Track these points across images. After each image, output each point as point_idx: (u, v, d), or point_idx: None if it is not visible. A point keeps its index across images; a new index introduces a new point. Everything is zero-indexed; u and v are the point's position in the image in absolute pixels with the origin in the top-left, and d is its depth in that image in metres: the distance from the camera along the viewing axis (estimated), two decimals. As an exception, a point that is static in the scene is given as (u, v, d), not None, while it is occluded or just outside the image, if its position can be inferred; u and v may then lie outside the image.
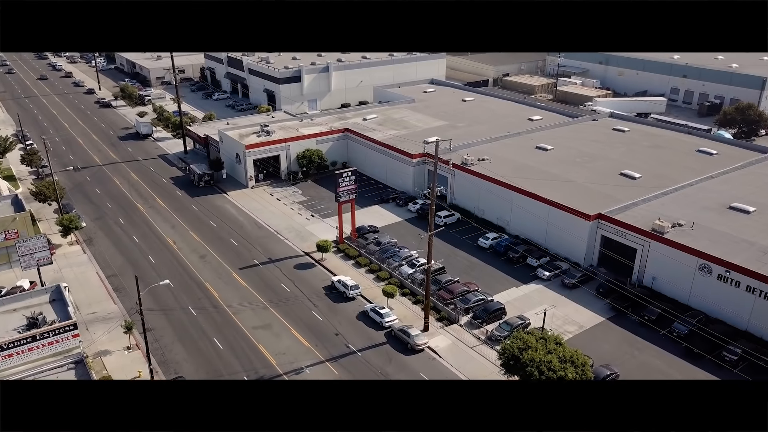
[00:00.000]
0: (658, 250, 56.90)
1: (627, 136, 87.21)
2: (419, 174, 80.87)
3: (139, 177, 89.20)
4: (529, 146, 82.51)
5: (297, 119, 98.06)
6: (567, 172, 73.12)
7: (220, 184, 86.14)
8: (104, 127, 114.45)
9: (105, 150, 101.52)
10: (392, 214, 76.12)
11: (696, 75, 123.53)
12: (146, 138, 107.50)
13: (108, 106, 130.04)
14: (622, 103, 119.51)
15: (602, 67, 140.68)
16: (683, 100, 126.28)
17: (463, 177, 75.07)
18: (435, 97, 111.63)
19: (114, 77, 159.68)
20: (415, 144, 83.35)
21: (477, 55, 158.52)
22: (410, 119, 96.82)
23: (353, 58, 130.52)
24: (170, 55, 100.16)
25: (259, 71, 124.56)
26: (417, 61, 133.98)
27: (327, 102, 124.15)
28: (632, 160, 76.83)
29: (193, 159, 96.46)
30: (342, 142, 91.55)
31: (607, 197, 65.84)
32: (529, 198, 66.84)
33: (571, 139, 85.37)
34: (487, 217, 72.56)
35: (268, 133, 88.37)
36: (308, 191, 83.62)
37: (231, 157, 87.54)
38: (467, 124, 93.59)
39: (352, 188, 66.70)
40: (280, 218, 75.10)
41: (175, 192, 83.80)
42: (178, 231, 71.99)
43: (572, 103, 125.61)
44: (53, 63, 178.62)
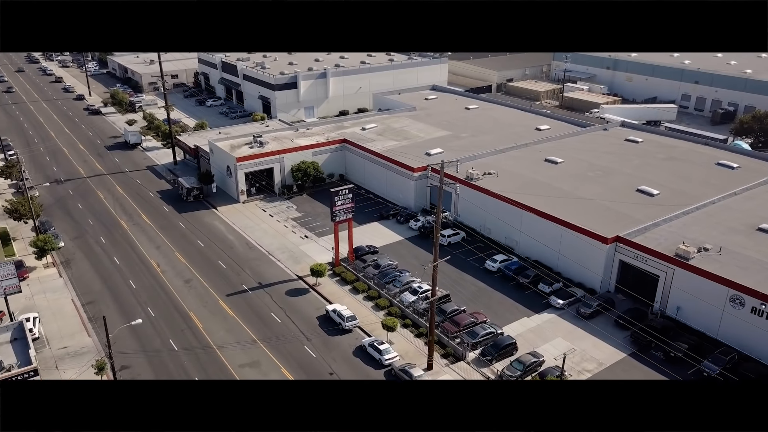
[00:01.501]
0: (683, 277, 52.05)
1: (640, 147, 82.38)
2: (421, 188, 76.05)
3: (124, 190, 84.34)
4: (537, 159, 77.69)
5: (292, 129, 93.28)
6: (579, 188, 68.29)
7: (210, 198, 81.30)
8: (92, 136, 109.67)
9: (91, 161, 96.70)
10: (392, 232, 71.27)
11: (708, 81, 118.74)
12: (135, 148, 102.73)
13: (97, 113, 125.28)
14: (630, 111, 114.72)
15: (610, 72, 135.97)
16: (695, 107, 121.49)
17: (468, 192, 70.25)
18: (437, 104, 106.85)
19: (106, 82, 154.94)
20: (417, 157, 78.67)
21: (480, 60, 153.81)
22: (411, 129, 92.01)
23: (352, 64, 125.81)
24: (158, 59, 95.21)
25: (253, 77, 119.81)
26: (418, 67, 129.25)
27: (324, 109, 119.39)
28: (648, 174, 71.99)
29: (183, 171, 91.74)
30: (339, 153, 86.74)
31: (624, 217, 61.03)
32: (539, 218, 62.03)
33: (581, 151, 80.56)
34: (494, 237, 67.74)
35: (261, 144, 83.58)
36: (303, 206, 78.78)
37: (222, 169, 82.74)
38: (471, 134, 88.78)
39: (349, 206, 61.88)
40: (272, 237, 70.25)
41: (162, 207, 78.94)
42: (162, 252, 67.13)
43: (579, 110, 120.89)
44: (44, 67, 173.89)
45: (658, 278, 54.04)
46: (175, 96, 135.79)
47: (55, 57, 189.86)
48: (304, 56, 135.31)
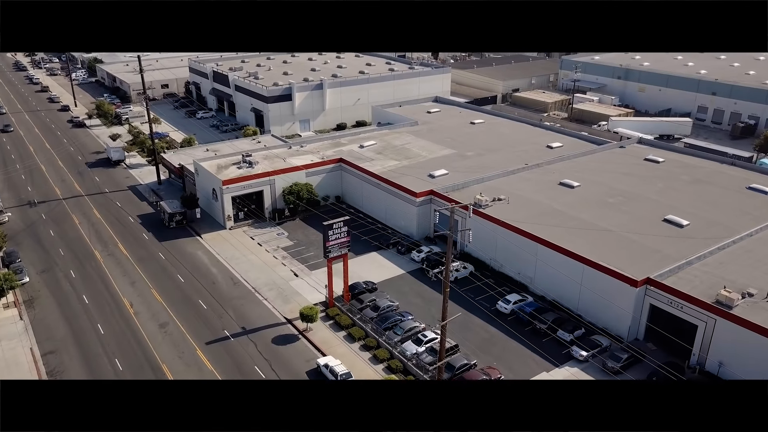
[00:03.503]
0: (726, 329, 45.39)
1: (662, 168, 75.77)
2: (424, 215, 69.45)
3: (102, 215, 77.69)
4: (551, 182, 71.08)
5: (285, 146, 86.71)
6: (600, 217, 61.66)
7: (194, 223, 74.65)
8: (73, 152, 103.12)
9: (69, 180, 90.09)
10: (392, 265, 64.62)
11: (727, 92, 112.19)
12: (117, 165, 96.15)
13: (81, 125, 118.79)
14: (642, 124, 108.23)
15: (621, 82, 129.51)
16: (712, 120, 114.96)
17: (476, 221, 63.59)
18: (440, 118, 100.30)
19: (94, 92, 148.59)
20: (419, 179, 72.25)
21: (484, 69, 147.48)
22: (413, 146, 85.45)
23: (350, 74, 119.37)
24: (140, 66, 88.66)
25: (246, 88, 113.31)
26: (419, 77, 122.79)
27: (321, 122, 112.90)
28: (674, 200, 65.38)
29: (168, 191, 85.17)
30: (335, 174, 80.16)
31: (652, 252, 54.41)
32: (557, 253, 55.39)
33: (598, 173, 73.96)
34: (505, 271, 61.11)
35: (250, 164, 76.99)
36: (295, 233, 72.16)
37: (208, 192, 76.14)
38: (477, 153, 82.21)
39: (344, 241, 55.24)
40: (260, 270, 63.60)
41: (141, 234, 72.31)
42: (138, 289, 60.45)
43: (589, 122, 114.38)
44: (30, 75, 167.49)
45: (696, 328, 47.38)
46: (164, 107, 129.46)
47: (44, 65, 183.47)
48: (300, 66, 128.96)
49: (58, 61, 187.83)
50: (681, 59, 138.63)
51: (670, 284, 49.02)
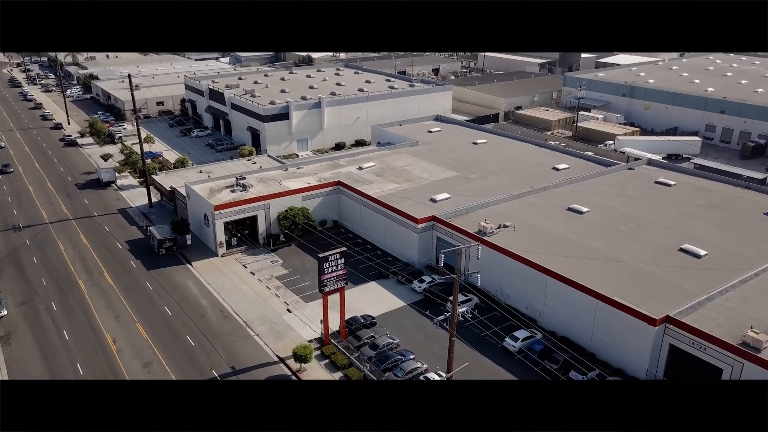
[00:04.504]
0: (754, 374, 41.84)
1: (674, 191, 72.53)
2: (426, 241, 66.09)
3: (89, 240, 74.32)
4: (558, 207, 67.80)
5: (282, 167, 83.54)
6: (612, 246, 58.27)
7: (185, 250, 71.25)
8: (63, 172, 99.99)
9: (57, 202, 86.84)
10: (392, 296, 61.13)
11: (736, 111, 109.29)
12: (108, 186, 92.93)
13: (73, 144, 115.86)
14: (649, 143, 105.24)
15: (626, 99, 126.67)
16: (721, 139, 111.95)
17: (481, 250, 60.08)
18: (441, 138, 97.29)
19: (88, 109, 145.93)
20: (421, 203, 69.01)
21: (486, 86, 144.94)
22: (414, 168, 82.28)
23: (348, 92, 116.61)
24: (130, 84, 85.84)
25: (242, 106, 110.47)
26: (420, 95, 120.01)
27: (319, 141, 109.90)
28: (690, 228, 62.04)
29: (159, 215, 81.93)
30: (333, 197, 76.94)
31: (670, 286, 50.97)
32: (568, 286, 51.94)
33: (607, 197, 70.70)
34: (513, 304, 57.60)
35: (244, 187, 73.79)
36: (290, 260, 68.76)
37: (199, 216, 72.85)
38: (481, 176, 79.01)
39: (341, 274, 51.77)
40: (252, 302, 60.11)
41: (128, 262, 68.89)
42: (122, 322, 56.93)
43: (594, 141, 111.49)
44: (25, 92, 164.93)
45: (721, 372, 43.83)
46: (159, 125, 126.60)
47: (39, 81, 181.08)
48: (298, 83, 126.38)
49: (54, 78, 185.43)
50: (687, 76, 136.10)
51: (692, 323, 45.55)
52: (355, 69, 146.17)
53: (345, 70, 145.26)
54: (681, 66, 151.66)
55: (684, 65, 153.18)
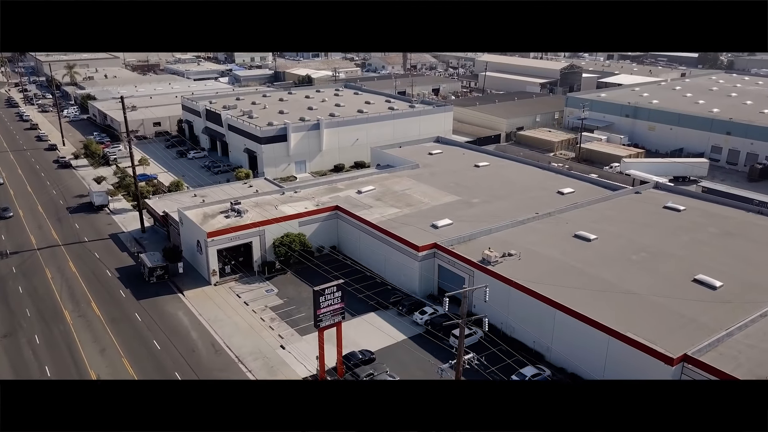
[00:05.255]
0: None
1: (684, 218, 70.03)
2: (427, 270, 63.46)
3: (78, 267, 71.67)
4: (565, 234, 65.27)
5: (278, 191, 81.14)
6: (622, 276, 55.60)
7: (177, 278, 68.56)
8: (55, 196, 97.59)
9: (47, 227, 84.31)
10: (393, 328, 58.33)
11: (742, 132, 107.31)
12: (100, 210, 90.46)
13: (67, 166, 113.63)
14: (656, 166, 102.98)
15: (629, 120, 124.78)
16: (727, 161, 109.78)
17: (485, 280, 57.53)
18: (442, 160, 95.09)
19: (84, 129, 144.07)
20: (422, 229, 66.54)
21: (487, 106, 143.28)
22: (414, 192, 79.88)
23: (348, 113, 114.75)
24: (122, 105, 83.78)
25: (238, 128, 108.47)
26: (420, 116, 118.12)
27: (318, 163, 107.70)
28: (702, 257, 59.44)
29: (151, 240, 79.41)
30: (331, 222, 74.45)
31: (685, 320, 48.25)
32: (578, 321, 49.19)
33: (615, 223, 68.18)
34: (518, 338, 54.82)
35: (238, 213, 71.34)
36: (286, 289, 66.06)
37: (192, 243, 70.28)
38: (483, 200, 76.59)
39: (337, 308, 49.08)
40: (245, 335, 57.30)
41: (117, 291, 66.18)
42: (107, 357, 54.06)
43: (598, 163, 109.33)
44: (21, 112, 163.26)
45: (745, 416, 40.89)
46: (155, 146, 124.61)
47: (36, 101, 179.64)
48: (296, 104, 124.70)
49: (51, 98, 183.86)
50: (691, 96, 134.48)
51: (711, 362, 42.76)
52: (355, 89, 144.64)
53: (344, 90, 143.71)
54: (684, 86, 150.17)
55: (687, 85, 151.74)
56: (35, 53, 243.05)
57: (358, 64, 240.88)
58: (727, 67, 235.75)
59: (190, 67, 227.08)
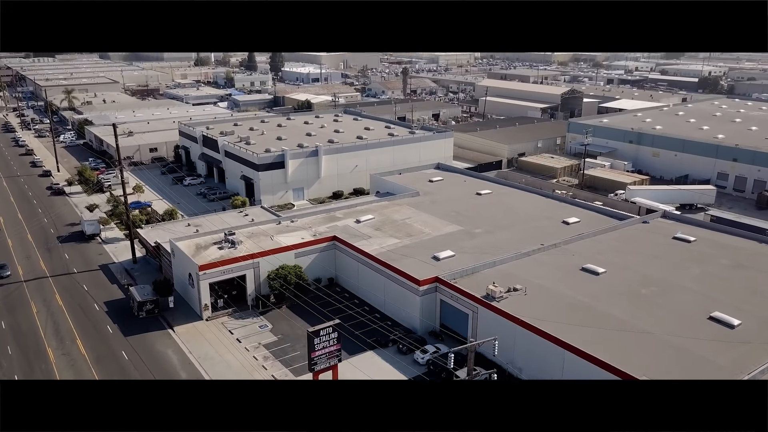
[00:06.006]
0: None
1: (695, 249, 67.48)
2: (429, 305, 60.70)
3: (64, 301, 68.92)
4: (572, 267, 62.68)
5: (275, 220, 78.71)
6: (634, 313, 52.85)
7: (167, 313, 65.77)
8: (46, 224, 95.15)
9: (35, 257, 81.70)
10: (392, 368, 55.34)
11: (749, 159, 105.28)
12: (92, 239, 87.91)
13: (60, 192, 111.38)
14: (662, 193, 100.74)
15: (633, 146, 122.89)
16: (734, 188, 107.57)
17: (490, 316, 54.81)
18: (443, 187, 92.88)
19: (80, 155, 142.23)
20: (423, 262, 63.99)
21: (488, 132, 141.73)
22: (414, 221, 77.44)
23: (347, 140, 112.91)
24: (115, 137, 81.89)
25: (235, 154, 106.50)
26: (420, 142, 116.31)
27: (316, 190, 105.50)
28: (716, 291, 56.76)
29: (143, 271, 76.77)
30: (329, 253, 71.88)
31: (704, 363, 45.42)
32: (590, 363, 46.33)
33: (623, 255, 65.61)
34: (526, 379, 51.80)
35: (232, 243, 68.84)
36: (280, 325, 63.23)
37: (184, 275, 67.64)
38: (486, 230, 74.11)
39: (333, 350, 46.30)
40: (236, 375, 54.25)
41: (105, 326, 63.34)
42: (90, 400, 51.00)
43: (602, 189, 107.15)
44: (17, 137, 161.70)
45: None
46: (151, 172, 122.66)
47: (33, 126, 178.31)
48: (295, 130, 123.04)
49: (49, 123, 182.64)
50: (694, 122, 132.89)
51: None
52: (354, 115, 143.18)
53: (344, 116, 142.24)
54: (687, 111, 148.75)
55: (690, 111, 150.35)
56: (35, 78, 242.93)
57: (358, 89, 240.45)
58: (727, 91, 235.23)
59: (189, 91, 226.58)
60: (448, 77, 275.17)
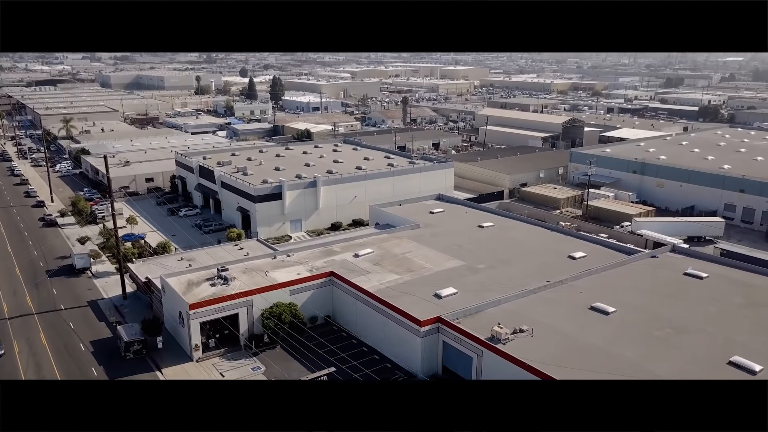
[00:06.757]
0: None
1: (708, 286, 64.68)
2: (431, 347, 57.66)
3: (49, 340, 65.88)
4: (580, 305, 59.82)
5: (270, 254, 76.06)
6: (648, 356, 49.84)
7: (156, 353, 62.69)
8: (35, 257, 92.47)
9: (22, 293, 78.84)
10: (392, 415, 52.04)
11: (757, 190, 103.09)
12: (82, 273, 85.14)
13: (53, 224, 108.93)
14: (669, 225, 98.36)
15: (637, 177, 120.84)
16: (742, 219, 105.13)
17: (495, 360, 51.81)
18: (444, 219, 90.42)
19: (76, 185, 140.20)
20: (424, 299, 61.24)
21: (489, 162, 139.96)
22: (415, 256, 74.78)
23: (346, 170, 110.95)
24: (106, 169, 79.63)
25: (231, 185, 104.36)
26: (420, 172, 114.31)
27: (314, 222, 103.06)
28: (734, 333, 53.81)
29: (133, 308, 73.94)
30: (326, 290, 69.11)
31: (726, 413, 42.22)
32: (603, 413, 43.20)
33: (634, 293, 62.78)
34: (533, 429, 48.56)
35: (225, 280, 66.09)
36: (273, 368, 60.04)
37: (174, 313, 64.77)
38: (489, 265, 71.40)
39: (329, 399, 43.15)
40: (226, 424, 51.03)
41: (89, 369, 60.16)
42: (68, 452, 47.72)
43: (606, 221, 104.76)
44: (13, 167, 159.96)
45: None
46: (147, 202, 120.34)
47: (30, 155, 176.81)
48: (293, 160, 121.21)
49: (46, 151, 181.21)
50: (699, 152, 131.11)
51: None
52: (354, 145, 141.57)
53: (343, 145, 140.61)
54: (690, 141, 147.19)
55: (693, 140, 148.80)
56: (34, 106, 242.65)
57: (358, 118, 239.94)
58: (728, 120, 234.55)
59: (188, 120, 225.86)
60: (447, 106, 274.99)
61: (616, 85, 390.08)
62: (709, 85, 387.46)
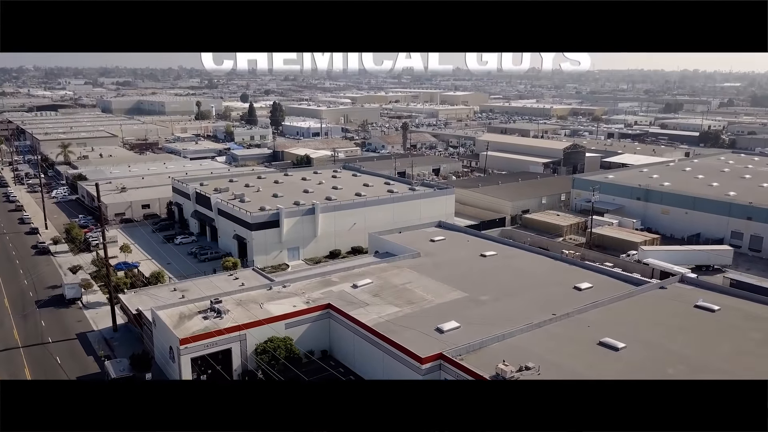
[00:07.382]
0: None
1: (720, 319, 62.10)
2: (431, 385, 54.83)
3: (33, 376, 63.07)
4: (588, 340, 57.20)
5: (266, 285, 73.67)
6: (662, 398, 47.12)
7: (145, 390, 59.85)
8: (26, 287, 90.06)
9: (9, 325, 76.26)
10: (391, 459, 49.18)
11: (764, 217, 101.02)
12: (72, 304, 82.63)
13: (45, 252, 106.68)
14: (676, 254, 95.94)
15: (641, 203, 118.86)
16: (749, 247, 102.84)
17: (499, 401, 49.02)
18: (445, 248, 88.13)
19: (71, 212, 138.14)
20: (424, 334, 58.74)
21: (490, 188, 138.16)
22: (415, 286, 72.35)
23: (345, 197, 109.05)
24: (97, 197, 77.73)
25: (228, 212, 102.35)
26: (421, 199, 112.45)
27: (312, 249, 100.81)
28: (751, 372, 51.00)
29: (123, 341, 71.41)
30: (323, 323, 66.58)
31: (748, 461, 39.45)
32: (617, 461, 40.45)
33: (644, 326, 60.22)
34: None
35: (218, 313, 63.65)
36: (269, 405, 57.23)
37: (165, 348, 62.18)
38: (493, 297, 68.94)
39: (324, 446, 40.46)
40: (216, 469, 48.18)
41: (74, 407, 57.35)
42: (46, 500, 44.82)
43: (611, 249, 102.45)
44: (8, 193, 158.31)
45: None
46: (143, 229, 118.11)
47: (27, 180, 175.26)
48: (292, 186, 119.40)
49: (44, 177, 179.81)
50: (703, 178, 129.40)
51: None
52: (353, 170, 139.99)
53: (342, 171, 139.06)
54: (694, 167, 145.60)
55: (697, 166, 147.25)
56: (33, 132, 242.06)
57: (358, 144, 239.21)
58: (729, 145, 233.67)
59: (187, 145, 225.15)
60: (447, 131, 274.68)
61: (616, 110, 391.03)
62: (708, 110, 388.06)
